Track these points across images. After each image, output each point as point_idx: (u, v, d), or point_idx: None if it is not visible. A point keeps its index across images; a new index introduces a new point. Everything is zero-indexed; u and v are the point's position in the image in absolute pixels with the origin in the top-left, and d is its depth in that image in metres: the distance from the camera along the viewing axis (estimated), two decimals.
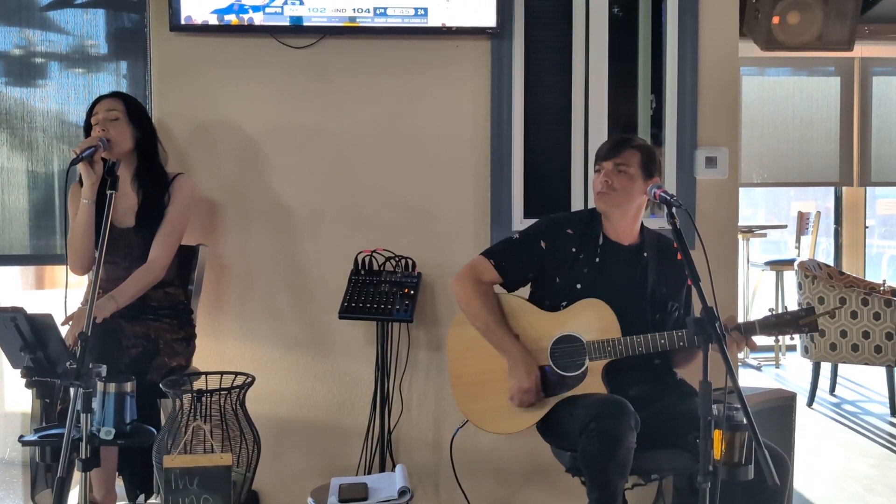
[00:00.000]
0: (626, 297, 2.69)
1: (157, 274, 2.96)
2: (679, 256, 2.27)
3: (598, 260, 2.73)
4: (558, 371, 2.67)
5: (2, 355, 2.46)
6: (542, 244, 2.77)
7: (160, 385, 2.75)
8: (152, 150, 3.09)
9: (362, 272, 3.23)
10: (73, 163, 2.76)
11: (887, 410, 5.11)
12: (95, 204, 2.89)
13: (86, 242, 2.91)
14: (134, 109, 3.04)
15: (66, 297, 2.36)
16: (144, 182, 3.03)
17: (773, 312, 2.63)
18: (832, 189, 6.88)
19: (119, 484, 2.98)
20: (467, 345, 2.76)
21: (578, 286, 2.71)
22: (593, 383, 2.63)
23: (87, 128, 3.01)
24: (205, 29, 3.27)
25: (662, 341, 2.58)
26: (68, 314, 2.94)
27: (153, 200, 3.01)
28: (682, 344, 2.57)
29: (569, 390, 2.65)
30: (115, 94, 3.07)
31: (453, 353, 2.80)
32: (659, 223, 3.24)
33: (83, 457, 2.17)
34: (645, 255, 2.76)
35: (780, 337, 3.03)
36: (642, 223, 2.80)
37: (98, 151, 2.84)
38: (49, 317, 2.33)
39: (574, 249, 2.74)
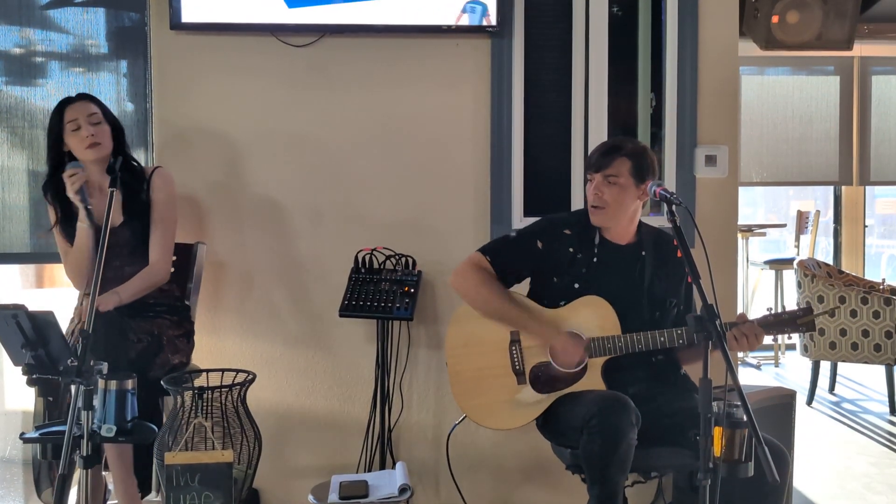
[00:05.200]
0: (624, 295, 2.69)
1: (162, 276, 2.94)
2: (679, 254, 2.27)
3: (595, 260, 2.73)
4: (558, 367, 2.67)
5: (3, 353, 2.46)
6: (539, 244, 2.77)
7: (161, 382, 2.75)
8: (124, 144, 3.02)
9: (362, 270, 3.23)
10: (85, 203, 2.73)
11: (887, 409, 5.12)
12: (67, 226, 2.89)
13: (89, 263, 2.81)
14: (105, 107, 2.98)
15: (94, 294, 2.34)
16: (124, 177, 2.89)
17: (772, 312, 2.63)
18: (831, 188, 6.89)
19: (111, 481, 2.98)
20: (465, 341, 2.77)
21: (576, 286, 2.71)
22: (592, 380, 2.63)
23: (57, 133, 2.90)
24: (205, 27, 3.27)
25: (662, 339, 2.59)
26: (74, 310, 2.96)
27: (136, 193, 2.95)
28: (681, 342, 2.58)
29: (568, 387, 2.65)
30: (85, 97, 2.97)
31: (451, 350, 2.80)
32: (659, 221, 3.24)
33: (84, 454, 2.17)
34: (643, 253, 2.76)
35: (778, 336, 3.02)
36: (640, 220, 2.80)
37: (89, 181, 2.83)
38: (50, 314, 2.32)
39: (572, 250, 2.74)
